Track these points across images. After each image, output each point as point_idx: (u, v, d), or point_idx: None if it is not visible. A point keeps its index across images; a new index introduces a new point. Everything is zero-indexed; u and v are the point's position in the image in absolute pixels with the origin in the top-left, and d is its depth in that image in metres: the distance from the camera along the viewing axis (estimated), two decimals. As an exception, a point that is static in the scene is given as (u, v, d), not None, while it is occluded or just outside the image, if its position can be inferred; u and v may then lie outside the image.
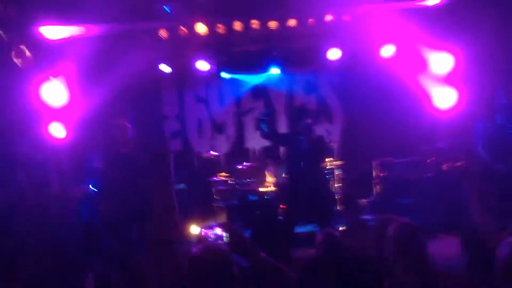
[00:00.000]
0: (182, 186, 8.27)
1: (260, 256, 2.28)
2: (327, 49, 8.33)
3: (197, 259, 2.15)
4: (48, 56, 7.23)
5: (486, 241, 2.92)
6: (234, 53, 8.74)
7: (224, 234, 2.28)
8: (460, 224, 3.27)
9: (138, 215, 4.89)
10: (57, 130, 7.54)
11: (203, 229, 2.33)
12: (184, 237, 7.41)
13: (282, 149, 5.98)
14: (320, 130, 8.75)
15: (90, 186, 6.96)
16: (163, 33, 7.58)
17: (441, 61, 7.76)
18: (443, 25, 7.39)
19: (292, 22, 7.78)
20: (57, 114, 7.49)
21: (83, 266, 5.36)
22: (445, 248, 3.56)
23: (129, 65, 7.84)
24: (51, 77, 7.32)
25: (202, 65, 8.62)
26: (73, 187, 7.20)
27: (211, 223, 7.72)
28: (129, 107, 8.37)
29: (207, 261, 2.13)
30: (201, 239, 2.38)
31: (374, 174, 8.37)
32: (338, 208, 8.31)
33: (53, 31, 7.05)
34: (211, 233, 2.30)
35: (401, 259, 2.68)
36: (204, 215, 8.26)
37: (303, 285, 1.99)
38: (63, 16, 6.92)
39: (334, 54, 8.35)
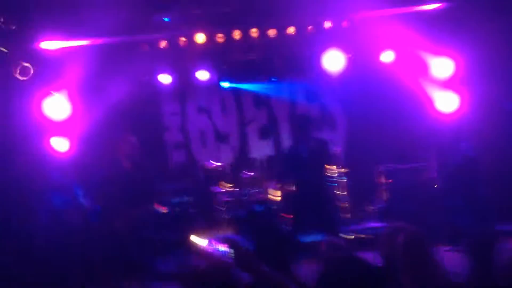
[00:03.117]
0: (186, 198, 8.22)
1: (265, 272, 2.24)
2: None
3: (203, 276, 2.12)
4: (50, 70, 7.26)
5: (486, 247, 2.87)
6: (234, 62, 8.74)
7: (229, 250, 2.24)
8: (463, 231, 3.24)
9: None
10: (60, 144, 7.55)
11: (207, 245, 2.29)
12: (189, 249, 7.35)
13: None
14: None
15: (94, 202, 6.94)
16: (163, 43, 7.59)
17: (442, 66, 7.73)
18: (442, 29, 7.38)
19: (291, 30, 7.79)
20: (60, 128, 7.51)
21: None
22: (448, 257, 3.50)
23: (129, 76, 7.87)
24: (52, 91, 7.35)
25: (203, 75, 8.62)
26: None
27: (217, 235, 7.66)
28: (130, 120, 8.38)
29: (212, 278, 2.10)
30: (206, 254, 2.34)
31: (379, 180, 8.31)
32: (344, 216, 8.25)
33: (54, 45, 7.08)
34: (215, 249, 2.26)
35: (409, 268, 2.65)
36: (209, 227, 8.21)
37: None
38: (64, 30, 6.95)
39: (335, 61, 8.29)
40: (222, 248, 2.24)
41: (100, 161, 6.90)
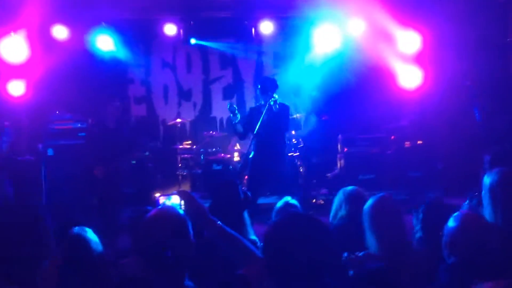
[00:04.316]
0: (146, 153, 8.14)
1: (216, 225, 2.26)
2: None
3: (151, 221, 2.11)
4: (7, 9, 6.91)
5: (438, 215, 2.98)
6: (203, 19, 8.56)
7: (181, 201, 2.25)
8: (417, 199, 3.36)
9: None
10: (16, 88, 7.28)
11: (160, 197, 2.29)
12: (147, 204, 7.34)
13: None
14: (287, 103, 8.72)
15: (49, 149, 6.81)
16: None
17: (408, 40, 7.80)
18: (413, 3, 7.42)
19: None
20: (17, 71, 7.23)
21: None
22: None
23: (93, 21, 7.60)
24: (10, 32, 7.03)
25: (170, 29, 8.42)
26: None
27: (173, 191, 7.68)
28: (94, 67, 8.18)
29: (161, 224, 2.09)
30: (158, 205, 2.35)
31: (338, 148, 8.44)
32: (301, 181, 8.37)
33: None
34: (167, 201, 2.26)
35: (378, 232, 2.72)
36: (168, 183, 8.20)
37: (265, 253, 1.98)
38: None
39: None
40: (174, 200, 2.24)
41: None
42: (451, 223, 2.35)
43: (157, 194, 6.96)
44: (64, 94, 7.71)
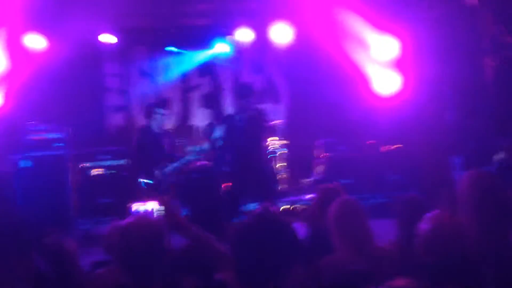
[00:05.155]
0: (123, 162, 8.04)
1: (193, 231, 2.25)
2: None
3: (127, 230, 2.10)
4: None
5: (415, 214, 3.00)
6: (181, 26, 8.56)
7: (156, 208, 2.24)
8: (395, 202, 3.37)
9: None
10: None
11: (133, 204, 2.28)
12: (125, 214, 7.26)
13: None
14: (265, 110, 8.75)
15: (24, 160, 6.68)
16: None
17: (385, 46, 7.87)
18: (390, 10, 7.51)
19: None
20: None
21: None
22: (381, 229, 3.65)
23: (70, 32, 7.54)
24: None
25: (147, 37, 8.39)
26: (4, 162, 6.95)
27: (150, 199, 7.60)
28: (69, 77, 8.09)
29: (137, 232, 2.08)
30: (135, 213, 2.33)
31: (318, 154, 8.48)
32: (281, 187, 8.38)
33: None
34: (141, 208, 2.25)
35: (341, 236, 2.73)
36: (145, 191, 8.10)
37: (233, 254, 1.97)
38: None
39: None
40: (148, 206, 2.23)
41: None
42: (423, 224, 2.36)
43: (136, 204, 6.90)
44: (40, 104, 7.61)
